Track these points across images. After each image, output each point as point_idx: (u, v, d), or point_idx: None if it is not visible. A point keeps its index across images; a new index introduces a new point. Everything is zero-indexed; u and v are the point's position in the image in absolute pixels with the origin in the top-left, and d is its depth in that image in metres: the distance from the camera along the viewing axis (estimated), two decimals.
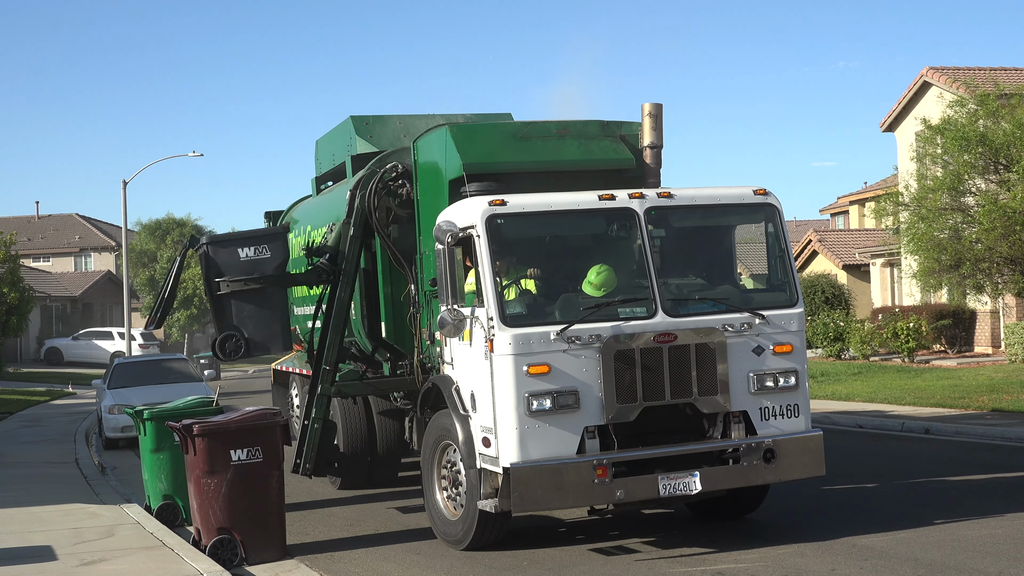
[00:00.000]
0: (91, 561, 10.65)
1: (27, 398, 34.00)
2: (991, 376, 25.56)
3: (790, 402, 10.39)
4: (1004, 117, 23.77)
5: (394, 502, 13.56)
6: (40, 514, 13.43)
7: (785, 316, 10.43)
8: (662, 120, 11.30)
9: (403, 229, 12.33)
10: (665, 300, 10.02)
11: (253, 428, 10.96)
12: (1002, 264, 23.59)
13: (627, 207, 10.21)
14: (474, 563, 10.39)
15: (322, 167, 15.96)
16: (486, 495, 9.99)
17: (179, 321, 60.09)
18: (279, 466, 11.12)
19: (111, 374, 23.64)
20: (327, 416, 12.77)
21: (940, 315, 32.83)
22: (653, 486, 9.80)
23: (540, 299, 10.20)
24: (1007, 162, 23.49)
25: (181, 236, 61.64)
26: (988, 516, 11.22)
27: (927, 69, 34.40)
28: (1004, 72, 32.55)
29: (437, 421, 11.01)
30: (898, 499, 12.61)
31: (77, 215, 77.43)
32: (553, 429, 9.66)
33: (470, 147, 11.12)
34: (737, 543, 10.51)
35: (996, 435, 17.39)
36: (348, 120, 14.65)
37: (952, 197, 24.21)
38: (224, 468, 10.78)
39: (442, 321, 9.95)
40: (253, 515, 10.87)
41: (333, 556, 10.99)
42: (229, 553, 10.66)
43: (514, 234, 10.19)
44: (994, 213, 22.43)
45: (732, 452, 10.15)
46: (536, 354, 9.62)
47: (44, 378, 43.89)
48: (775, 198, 10.77)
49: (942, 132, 24.60)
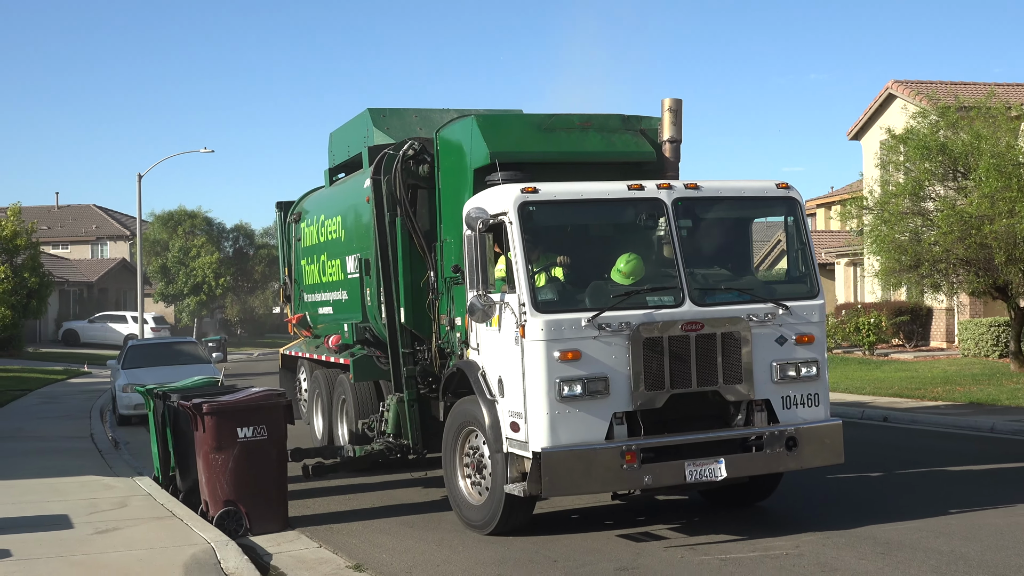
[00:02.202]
0: (105, 530, 10.62)
1: (45, 376, 33.92)
2: (945, 369, 25.66)
3: (811, 391, 10.02)
4: (963, 128, 23.82)
5: (387, 475, 13.42)
6: (57, 485, 13.36)
7: (807, 307, 10.07)
8: (682, 115, 10.98)
9: (424, 208, 11.82)
10: (693, 289, 9.64)
11: (259, 407, 10.93)
12: (958, 265, 23.67)
13: (656, 197, 9.83)
14: (463, 535, 10.33)
15: (335, 159, 15.46)
16: (513, 479, 9.56)
17: (189, 307, 60.00)
18: (282, 443, 11.09)
19: (124, 355, 23.54)
20: (419, 394, 12.09)
21: (899, 312, 32.90)
22: (680, 472, 9.41)
23: (570, 286, 9.75)
24: (965, 170, 23.54)
25: (192, 227, 61.59)
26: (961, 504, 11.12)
27: (892, 82, 34.44)
28: (964, 86, 32.60)
29: (460, 407, 10.55)
30: (882, 486, 12.42)
31: (94, 206, 77.02)
32: (583, 415, 9.25)
33: (497, 136, 10.70)
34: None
35: (948, 424, 17.44)
36: (366, 112, 14.19)
37: (913, 202, 24.26)
38: (231, 445, 10.77)
39: (471, 307, 9.54)
40: (257, 489, 10.85)
41: (332, 528, 10.94)
42: (235, 524, 10.63)
43: (545, 221, 9.75)
44: (952, 218, 22.48)
45: (755, 440, 9.76)
46: (567, 340, 9.22)
47: (61, 358, 43.72)
48: (796, 192, 10.41)
49: (905, 141, 24.67)
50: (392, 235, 11.93)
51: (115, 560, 9.37)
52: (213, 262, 59.54)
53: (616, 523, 10.52)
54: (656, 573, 8.81)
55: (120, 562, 9.30)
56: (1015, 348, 24.52)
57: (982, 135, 22.95)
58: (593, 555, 9.41)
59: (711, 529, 10.19)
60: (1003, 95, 28.19)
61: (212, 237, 62.36)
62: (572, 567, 9.07)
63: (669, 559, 9.24)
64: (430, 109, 14.33)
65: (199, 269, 59.25)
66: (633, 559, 9.24)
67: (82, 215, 75.62)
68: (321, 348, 15.20)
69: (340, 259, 14.42)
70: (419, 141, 11.90)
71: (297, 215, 16.97)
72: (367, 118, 14.10)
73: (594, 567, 9.03)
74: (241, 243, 65.82)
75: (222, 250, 62.89)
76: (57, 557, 9.52)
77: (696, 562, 9.08)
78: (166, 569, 9.02)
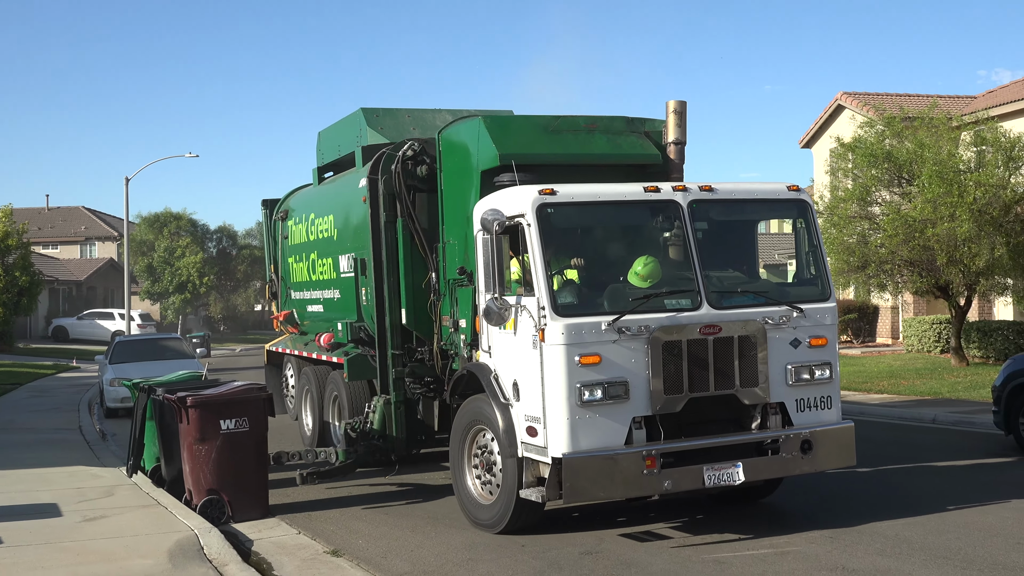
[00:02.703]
0: (93, 518, 10.59)
1: (35, 371, 33.61)
2: (891, 364, 25.81)
3: (824, 394, 9.61)
4: (907, 137, 24.03)
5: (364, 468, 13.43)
6: (46, 475, 13.31)
7: (820, 310, 9.63)
8: (686, 117, 10.49)
9: (423, 210, 11.37)
10: (710, 292, 9.17)
11: (241, 400, 10.94)
12: (902, 266, 23.82)
13: (671, 199, 9.34)
14: (436, 522, 10.38)
15: (324, 158, 15.01)
16: (528, 484, 9.12)
17: (174, 304, 59.73)
18: (263, 435, 11.08)
19: (112, 351, 23.37)
20: (406, 396, 11.81)
21: (847, 310, 33.12)
22: (699, 476, 8.97)
23: (588, 289, 9.25)
24: (909, 176, 23.74)
25: (177, 228, 61.37)
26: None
27: (841, 93, 34.60)
28: (908, 97, 32.81)
29: (469, 406, 10.01)
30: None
31: (83, 207, 76.44)
32: (603, 420, 8.74)
33: (506, 138, 10.19)
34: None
35: (894, 415, 17.64)
36: (359, 112, 13.71)
37: (860, 207, 24.38)
38: (215, 436, 10.76)
39: (487, 310, 9.02)
40: (239, 478, 10.85)
41: (311, 515, 10.98)
42: (217, 512, 10.64)
43: (562, 223, 9.22)
44: (897, 221, 22.65)
45: (771, 443, 9.33)
46: (588, 344, 8.71)
47: (51, 353, 43.36)
48: (807, 194, 10.01)
49: (853, 149, 24.77)
50: (390, 235, 11.60)
51: (102, 547, 9.34)
52: (197, 262, 59.44)
53: (582, 515, 10.52)
54: (617, 557, 8.89)
55: (107, 548, 9.27)
56: (955, 344, 24.78)
57: (925, 144, 23.17)
58: (559, 541, 9.45)
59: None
60: (945, 106, 28.40)
61: (196, 238, 62.35)
62: (539, 551, 9.11)
63: (630, 545, 9.31)
64: (423, 109, 13.92)
65: (184, 268, 59.13)
66: (596, 544, 9.30)
67: (71, 216, 75.04)
68: (311, 345, 14.83)
69: (332, 258, 14.01)
70: (419, 142, 11.49)
71: (284, 213, 16.50)
72: (360, 118, 13.67)
73: (559, 552, 9.07)
74: (224, 244, 65.85)
75: (206, 250, 62.84)
76: (46, 544, 9.48)
77: (655, 547, 9.20)
78: (151, 555, 9.00)
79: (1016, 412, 13.52)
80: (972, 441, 14.79)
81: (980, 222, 21.65)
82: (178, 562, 8.74)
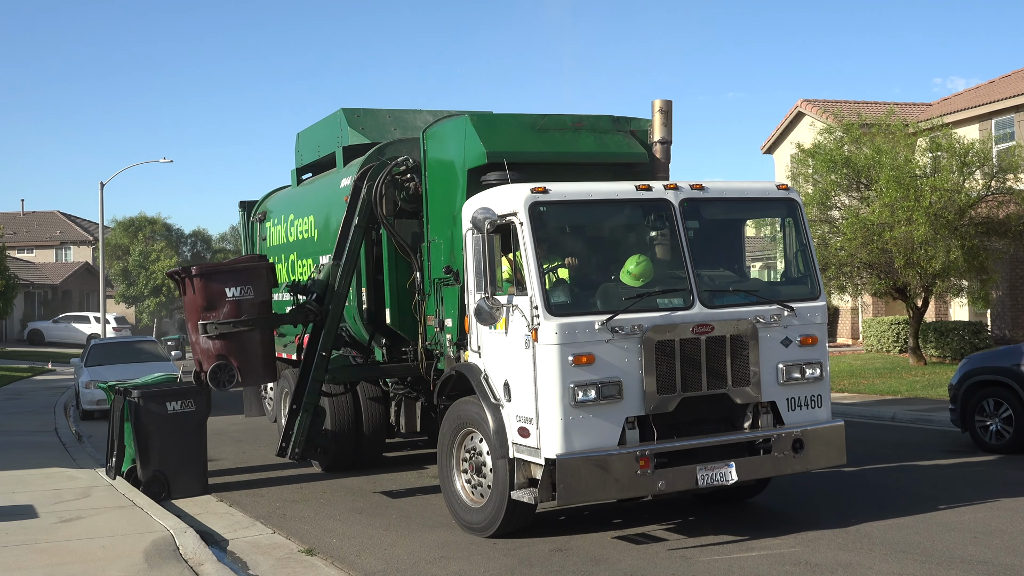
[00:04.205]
0: (69, 519, 10.44)
1: (11, 374, 33.20)
2: (851, 364, 25.97)
3: (815, 393, 9.34)
4: (865, 143, 24.22)
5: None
6: (23, 477, 13.12)
7: (811, 309, 9.40)
8: (672, 116, 10.32)
9: (406, 221, 11.27)
10: (702, 291, 8.90)
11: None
12: (861, 268, 24.01)
13: (663, 198, 9.06)
14: (409, 521, 10.25)
15: (303, 158, 14.70)
16: (520, 485, 8.84)
17: (149, 307, 59.25)
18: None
19: (87, 353, 23.19)
20: (318, 402, 11.66)
21: None
22: (692, 476, 8.69)
23: (580, 288, 9.01)
24: (867, 181, 23.93)
25: (152, 232, 60.85)
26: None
27: (801, 101, 34.84)
28: (866, 105, 33.09)
29: (457, 408, 9.69)
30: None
31: (58, 212, 75.60)
32: (596, 420, 8.43)
33: (493, 136, 9.94)
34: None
35: (854, 413, 17.73)
36: (339, 112, 13.40)
37: (820, 211, 24.58)
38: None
39: (478, 310, 8.72)
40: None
41: (285, 515, 10.80)
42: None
43: (555, 222, 8.94)
44: (856, 225, 22.83)
45: (763, 442, 9.08)
46: (581, 344, 8.39)
47: (27, 356, 42.88)
48: (796, 193, 9.80)
49: (813, 155, 24.97)
50: (371, 243, 11.46)
51: (78, 547, 9.21)
52: (172, 265, 58.83)
53: (554, 514, 10.47)
54: (587, 554, 8.82)
55: (83, 549, 9.15)
56: (913, 344, 24.99)
57: (883, 150, 23.36)
58: (531, 538, 9.36)
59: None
60: (902, 113, 28.68)
61: (171, 242, 61.82)
62: (510, 548, 9.06)
63: (599, 540, 9.25)
64: (404, 110, 13.70)
65: (159, 272, 58.52)
66: (566, 542, 9.25)
67: (47, 221, 74.20)
68: (290, 347, 14.50)
69: (313, 259, 13.72)
70: (411, 159, 11.32)
71: (262, 214, 16.15)
72: (341, 118, 13.39)
73: (531, 548, 9.03)
74: (199, 248, 65.28)
75: (180, 254, 62.33)
76: (22, 545, 9.34)
77: (624, 545, 9.12)
78: (127, 555, 8.89)
79: (972, 410, 13.62)
80: (930, 438, 14.90)
81: (936, 226, 21.86)
82: (154, 562, 8.63)
